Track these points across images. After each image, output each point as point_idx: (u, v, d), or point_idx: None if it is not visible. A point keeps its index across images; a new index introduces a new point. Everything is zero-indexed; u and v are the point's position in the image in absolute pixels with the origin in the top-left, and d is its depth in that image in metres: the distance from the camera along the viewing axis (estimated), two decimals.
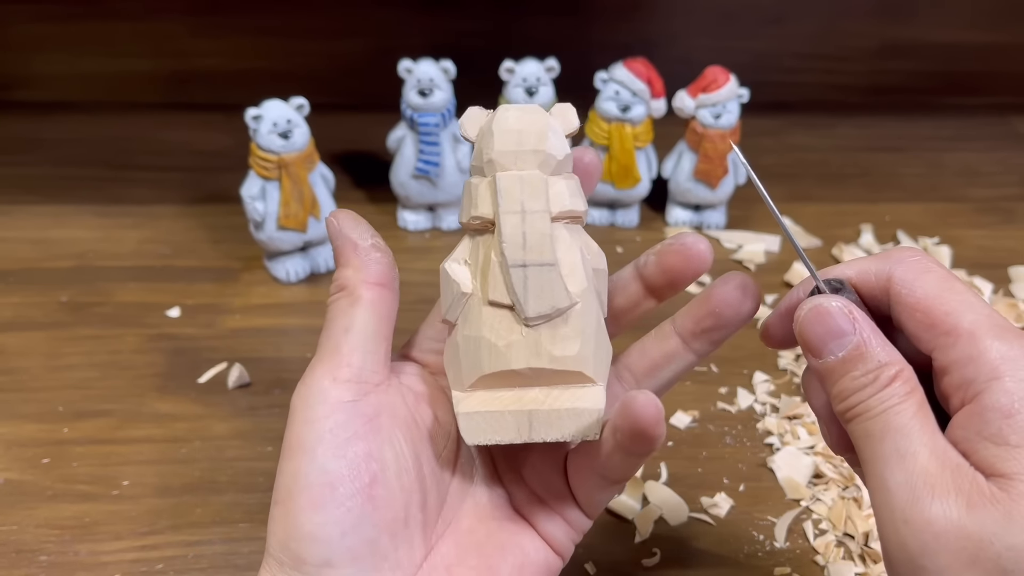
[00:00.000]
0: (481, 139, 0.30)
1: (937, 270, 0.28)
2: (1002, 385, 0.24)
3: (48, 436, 0.49)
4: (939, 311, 0.26)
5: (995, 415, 0.24)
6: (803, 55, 0.85)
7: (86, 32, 0.80)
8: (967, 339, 0.26)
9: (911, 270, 0.28)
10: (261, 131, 0.56)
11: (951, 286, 0.27)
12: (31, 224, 0.66)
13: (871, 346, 0.27)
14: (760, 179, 0.31)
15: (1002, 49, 0.85)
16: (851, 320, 0.27)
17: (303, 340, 0.56)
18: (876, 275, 0.28)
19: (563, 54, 0.64)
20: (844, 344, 0.27)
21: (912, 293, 0.27)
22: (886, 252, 0.29)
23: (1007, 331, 0.26)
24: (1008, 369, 0.25)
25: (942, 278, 0.27)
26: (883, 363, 0.26)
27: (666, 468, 0.48)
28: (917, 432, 0.25)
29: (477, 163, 0.30)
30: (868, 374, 0.26)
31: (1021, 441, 0.24)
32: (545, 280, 0.28)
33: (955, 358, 0.26)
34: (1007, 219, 0.70)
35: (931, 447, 0.25)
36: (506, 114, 0.30)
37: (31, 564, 0.42)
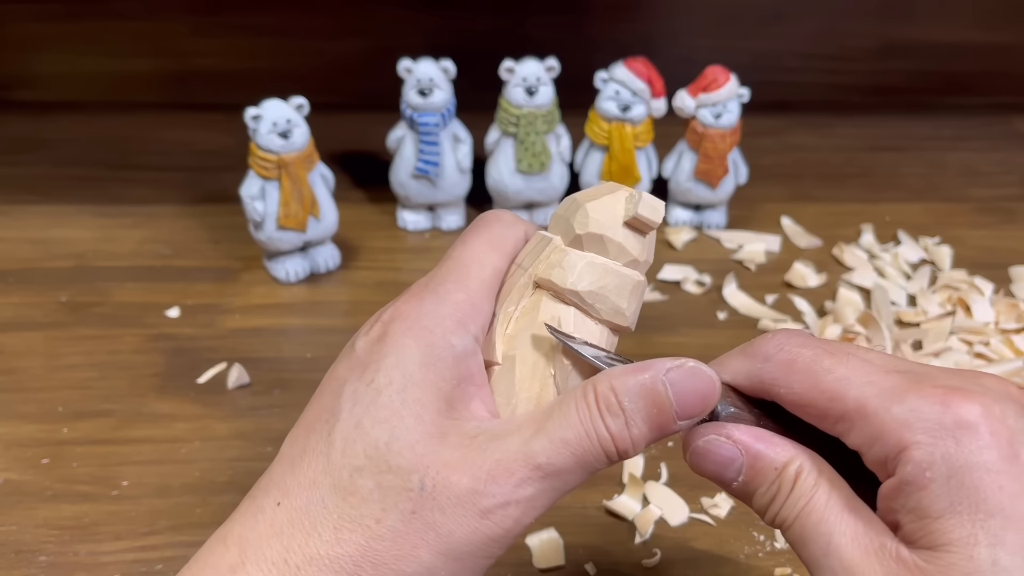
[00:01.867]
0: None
1: (804, 353, 0.26)
2: (910, 456, 0.23)
3: (48, 436, 0.49)
4: (822, 401, 0.25)
5: (911, 489, 0.23)
6: (803, 55, 0.85)
7: (86, 32, 0.80)
8: (860, 419, 0.25)
9: (778, 367, 0.26)
10: (261, 131, 0.56)
11: (823, 367, 0.26)
12: (31, 224, 0.66)
13: (762, 458, 0.26)
14: (760, 179, 0.30)
15: (1002, 49, 0.85)
16: (732, 443, 0.26)
17: (303, 340, 0.56)
18: (749, 380, 0.27)
19: (563, 54, 0.64)
20: (737, 469, 0.26)
21: (790, 392, 0.26)
22: (753, 347, 0.27)
23: (894, 391, 0.24)
24: (909, 436, 0.24)
25: (811, 360, 0.26)
26: (780, 467, 0.26)
27: (666, 468, 0.48)
28: (834, 523, 0.25)
29: None
30: (772, 485, 0.26)
31: (940, 511, 0.23)
32: (492, 331, 0.29)
33: (859, 441, 0.25)
34: (1007, 219, 0.70)
35: (851, 535, 0.24)
36: (600, 185, 0.29)
37: (31, 564, 0.42)
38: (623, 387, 0.26)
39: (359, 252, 0.65)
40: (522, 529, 0.26)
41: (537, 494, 0.25)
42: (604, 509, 0.46)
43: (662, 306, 0.60)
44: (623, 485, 0.47)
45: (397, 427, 0.25)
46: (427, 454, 0.25)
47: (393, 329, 0.27)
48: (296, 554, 0.25)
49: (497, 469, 0.25)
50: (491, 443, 0.26)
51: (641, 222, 0.28)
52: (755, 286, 0.62)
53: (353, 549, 0.25)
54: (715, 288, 0.62)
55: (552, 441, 0.25)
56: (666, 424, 0.26)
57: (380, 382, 0.26)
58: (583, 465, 0.26)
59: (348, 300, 0.60)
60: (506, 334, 0.28)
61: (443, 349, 0.27)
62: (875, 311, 0.59)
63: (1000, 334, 0.57)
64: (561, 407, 0.26)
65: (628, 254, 0.28)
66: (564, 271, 0.28)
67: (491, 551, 0.25)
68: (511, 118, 0.63)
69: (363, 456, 0.25)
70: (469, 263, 0.29)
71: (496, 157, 0.65)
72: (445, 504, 0.25)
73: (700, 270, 0.63)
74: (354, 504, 0.25)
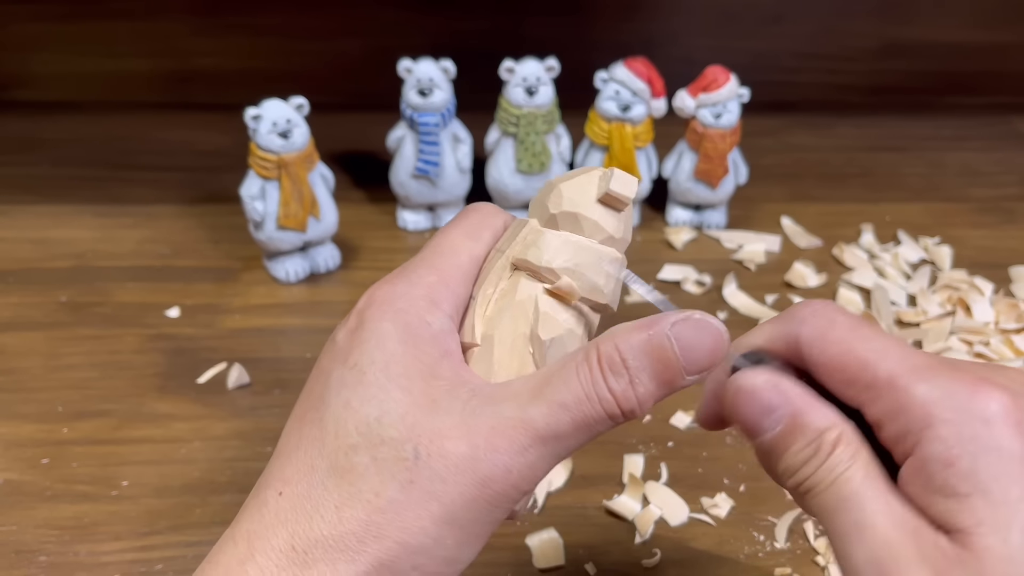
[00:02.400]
0: None
1: (842, 321, 0.26)
2: (935, 433, 0.23)
3: (47, 436, 0.49)
4: (853, 366, 0.25)
5: (937, 466, 0.23)
6: (803, 55, 0.85)
7: (86, 32, 0.80)
8: (889, 390, 0.25)
9: (816, 328, 0.26)
10: (261, 131, 0.56)
11: (860, 335, 0.26)
12: (31, 224, 0.66)
13: (806, 415, 0.25)
14: (760, 179, 0.30)
15: (1002, 49, 0.85)
16: (779, 392, 0.26)
17: (303, 340, 0.56)
18: (784, 341, 0.27)
19: (563, 54, 0.64)
20: (777, 419, 0.26)
21: (823, 353, 0.26)
22: (789, 312, 0.28)
23: (927, 369, 0.25)
24: (937, 412, 0.24)
25: (849, 328, 0.26)
26: (821, 429, 0.25)
27: (666, 468, 0.48)
28: (871, 499, 0.24)
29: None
30: (809, 446, 0.25)
31: (969, 488, 0.23)
32: (469, 312, 0.29)
33: (883, 411, 0.25)
34: (1007, 219, 0.70)
35: (887, 513, 0.24)
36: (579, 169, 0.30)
37: (31, 564, 0.42)
38: (627, 345, 0.25)
39: (359, 252, 0.65)
40: (522, 495, 0.26)
41: (537, 460, 0.25)
42: (604, 509, 0.46)
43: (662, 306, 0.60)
44: (623, 485, 0.47)
45: (385, 401, 0.26)
46: (418, 423, 0.25)
47: (369, 315, 0.27)
48: (301, 539, 0.25)
49: (494, 435, 0.25)
50: (485, 407, 0.25)
51: (614, 198, 0.28)
52: (755, 286, 0.62)
53: (356, 526, 0.25)
54: (715, 288, 0.62)
55: (550, 405, 0.25)
56: (674, 379, 0.26)
57: (363, 363, 0.26)
58: (584, 428, 0.25)
59: (348, 300, 0.60)
60: (484, 315, 0.28)
61: (419, 327, 0.27)
62: (875, 311, 0.59)
63: (1000, 334, 0.57)
64: (561, 371, 0.26)
65: (603, 231, 0.28)
66: (540, 250, 0.28)
67: (494, 516, 0.25)
68: (511, 118, 0.63)
69: (356, 434, 0.25)
70: (444, 249, 0.29)
71: (496, 157, 0.65)
72: (443, 472, 0.25)
73: (700, 270, 0.63)
74: (352, 481, 0.25)
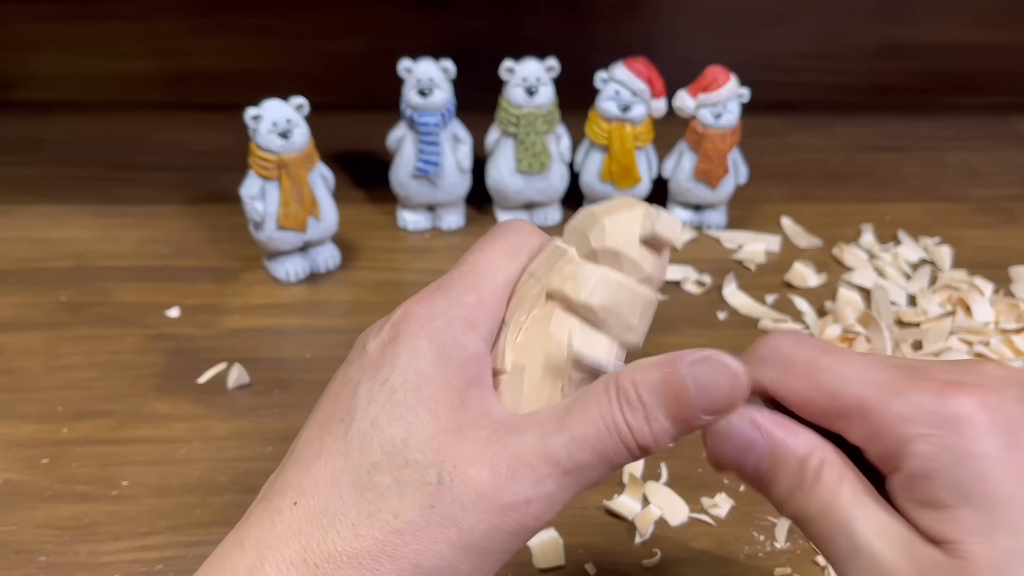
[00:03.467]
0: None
1: (801, 353, 0.26)
2: (912, 449, 0.24)
3: (47, 436, 0.49)
4: (822, 399, 0.25)
5: (918, 482, 0.24)
6: (803, 55, 0.85)
7: (86, 32, 0.80)
8: (860, 416, 0.25)
9: (776, 369, 0.26)
10: (261, 131, 0.56)
11: (819, 366, 0.26)
12: (31, 224, 0.66)
13: (784, 447, 0.26)
14: (760, 179, 0.30)
15: (1002, 49, 0.85)
16: (755, 427, 0.26)
17: (303, 340, 0.56)
18: (751, 385, 0.27)
19: (563, 54, 0.64)
20: (758, 455, 0.26)
21: (790, 393, 0.26)
22: (749, 353, 0.27)
23: (892, 384, 0.24)
24: (909, 429, 0.24)
25: (809, 360, 0.26)
26: (803, 458, 0.25)
27: (666, 468, 0.48)
28: (862, 521, 0.24)
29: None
30: (793, 476, 0.25)
31: (952, 499, 0.23)
32: (501, 338, 0.29)
33: (860, 437, 0.25)
34: (1007, 219, 0.70)
35: (880, 532, 0.24)
36: (617, 200, 0.29)
37: (30, 564, 0.42)
38: (644, 381, 0.25)
39: (359, 252, 0.65)
40: (543, 525, 0.26)
41: (558, 490, 0.25)
42: (604, 509, 0.46)
43: (662, 306, 0.60)
44: (623, 485, 0.47)
45: (413, 423, 0.25)
46: (443, 448, 0.25)
47: (404, 330, 0.27)
48: (314, 552, 0.25)
49: (517, 464, 0.25)
50: (509, 437, 0.25)
51: (658, 240, 0.28)
52: (755, 286, 0.62)
53: (371, 544, 0.24)
54: (715, 288, 0.62)
55: (573, 437, 0.25)
56: (689, 419, 0.25)
57: (394, 381, 0.26)
58: (604, 460, 0.25)
59: (348, 300, 0.60)
60: (516, 343, 0.28)
61: (455, 349, 0.27)
62: (875, 311, 0.59)
63: (1000, 334, 0.57)
64: (582, 401, 0.26)
65: (642, 271, 0.28)
66: (578, 284, 0.28)
67: (511, 546, 0.25)
68: (511, 118, 0.63)
69: (380, 453, 0.25)
70: (483, 269, 0.29)
71: (496, 157, 0.65)
72: (464, 499, 0.25)
73: (700, 270, 0.63)
74: (372, 500, 0.25)
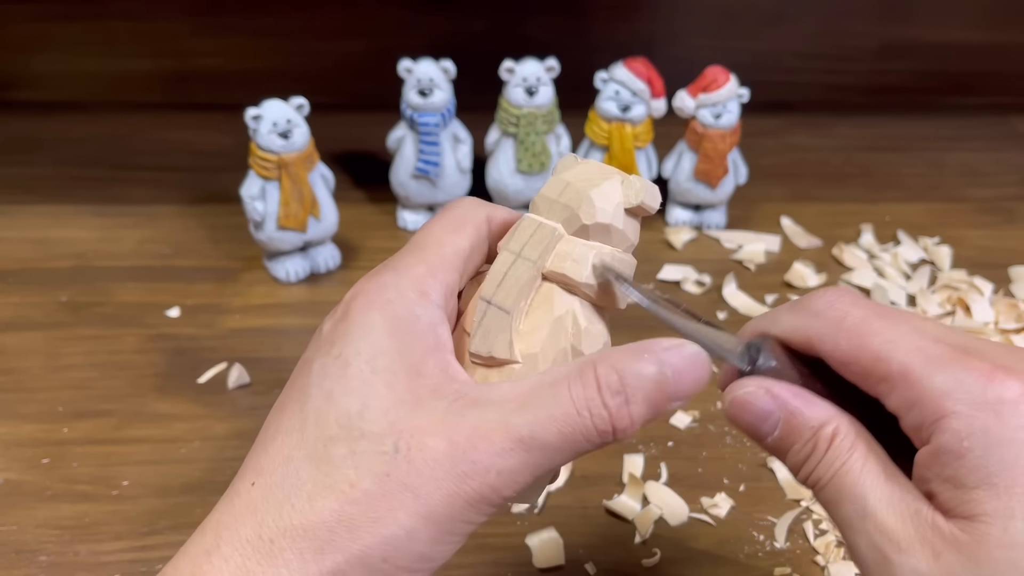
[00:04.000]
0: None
1: (854, 312, 0.26)
2: (948, 424, 0.24)
3: (48, 436, 0.49)
4: (867, 360, 0.26)
5: (948, 458, 0.24)
6: (803, 55, 0.84)
7: (86, 32, 0.80)
8: (902, 383, 0.25)
9: (827, 324, 0.27)
10: (261, 131, 0.56)
11: (872, 327, 0.26)
12: (31, 224, 0.66)
13: (800, 415, 0.26)
14: (760, 179, 0.30)
15: (1002, 49, 0.85)
16: (771, 397, 0.26)
17: (303, 340, 0.56)
18: (797, 334, 0.27)
19: (563, 54, 0.64)
20: (774, 424, 0.26)
21: (836, 349, 0.26)
22: (803, 303, 0.28)
23: (941, 359, 0.25)
24: (950, 405, 0.24)
25: (861, 320, 0.26)
26: (816, 427, 0.26)
27: (666, 468, 0.48)
28: (870, 487, 0.25)
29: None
30: (806, 444, 0.26)
31: (977, 482, 0.23)
32: (495, 324, 0.28)
33: (898, 404, 0.25)
34: (1007, 219, 0.70)
35: (887, 500, 0.25)
36: (571, 164, 0.29)
37: (31, 564, 0.42)
38: (628, 369, 0.26)
39: (359, 252, 0.65)
40: (501, 500, 0.25)
41: (518, 466, 0.25)
42: (604, 509, 0.46)
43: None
44: (623, 485, 0.47)
45: (368, 395, 0.25)
46: (400, 419, 0.25)
47: (355, 305, 0.27)
48: (269, 528, 0.25)
49: (476, 436, 0.25)
50: (469, 409, 0.25)
51: (643, 209, 0.28)
52: (755, 286, 0.62)
53: (327, 515, 0.24)
54: (715, 288, 0.62)
55: (537, 416, 0.25)
56: (663, 403, 0.26)
57: (347, 354, 0.26)
58: (570, 442, 0.25)
59: None
60: (520, 331, 0.28)
61: (408, 320, 0.27)
62: None
63: (1000, 334, 0.57)
64: (550, 385, 0.26)
65: (628, 240, 0.29)
66: (578, 264, 0.28)
67: (471, 516, 0.25)
68: (511, 118, 0.63)
69: (336, 426, 0.25)
70: (428, 242, 0.29)
71: (496, 157, 0.65)
72: (421, 466, 0.25)
73: (700, 270, 0.63)
74: (327, 472, 0.25)
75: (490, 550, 0.43)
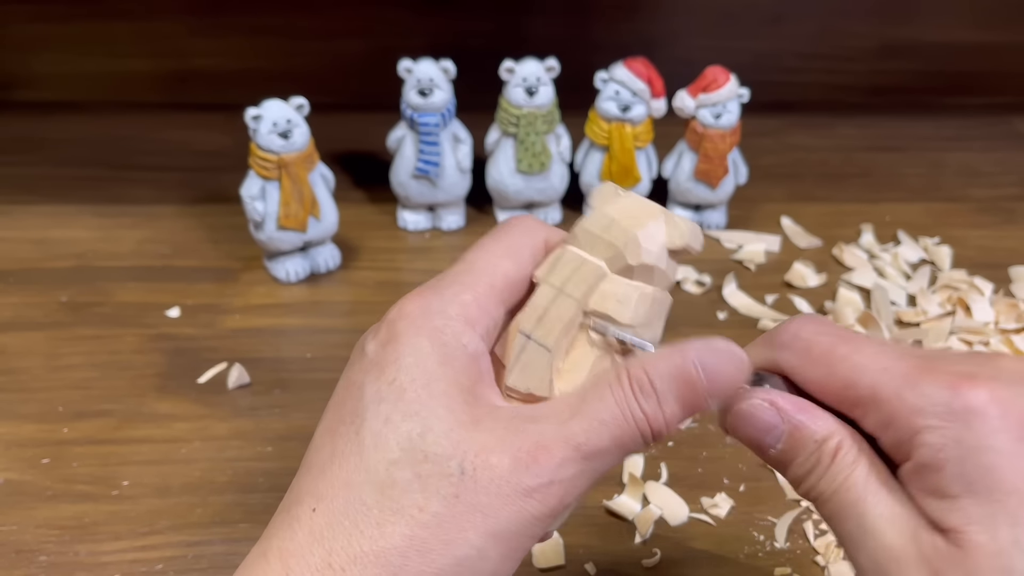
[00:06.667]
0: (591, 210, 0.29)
1: (819, 341, 0.27)
2: (923, 439, 0.24)
3: (48, 436, 0.49)
4: (837, 387, 0.26)
5: (928, 471, 0.24)
6: (803, 55, 0.85)
7: (86, 32, 0.80)
8: (874, 405, 0.25)
9: (795, 355, 0.27)
10: (261, 131, 0.56)
11: (838, 354, 0.26)
12: (31, 224, 0.66)
13: (803, 429, 0.26)
14: (760, 179, 0.30)
15: (1002, 49, 0.85)
16: (775, 410, 0.27)
17: (303, 340, 0.56)
18: (768, 368, 0.28)
19: (563, 54, 0.64)
20: (777, 436, 0.27)
21: (807, 379, 0.27)
22: (770, 336, 0.28)
23: (908, 375, 0.25)
24: (921, 420, 0.24)
25: (827, 349, 0.26)
26: (820, 440, 0.26)
27: (666, 468, 0.48)
28: (871, 504, 0.25)
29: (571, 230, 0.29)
30: (810, 457, 0.26)
31: (959, 490, 0.24)
32: (536, 360, 0.27)
33: (874, 426, 0.25)
34: (1007, 219, 0.70)
35: (888, 516, 0.25)
36: (611, 195, 0.29)
37: (31, 564, 0.42)
38: (656, 370, 0.26)
39: (359, 252, 0.65)
40: (564, 509, 0.26)
41: (578, 474, 0.25)
42: (604, 509, 0.46)
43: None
44: (623, 485, 0.47)
45: (428, 418, 0.25)
46: (463, 440, 0.25)
47: (402, 328, 0.27)
48: (339, 556, 0.24)
49: (537, 450, 0.25)
50: (527, 425, 0.26)
51: (688, 251, 0.28)
52: (755, 286, 0.62)
53: (398, 540, 0.24)
54: (715, 288, 0.62)
55: (591, 422, 0.25)
56: (698, 402, 0.26)
57: (402, 380, 0.26)
58: (620, 445, 0.26)
59: (348, 300, 0.60)
60: (561, 369, 0.28)
61: (456, 348, 0.27)
62: (875, 311, 0.59)
63: (1000, 334, 0.57)
64: (596, 390, 0.26)
65: (668, 280, 0.28)
66: (621, 305, 0.27)
67: (536, 531, 0.25)
68: (511, 118, 0.63)
69: (397, 449, 0.25)
70: (480, 267, 0.28)
71: (496, 157, 0.65)
72: (488, 485, 0.25)
73: (700, 270, 0.63)
74: (394, 496, 0.25)
75: None
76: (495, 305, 0.28)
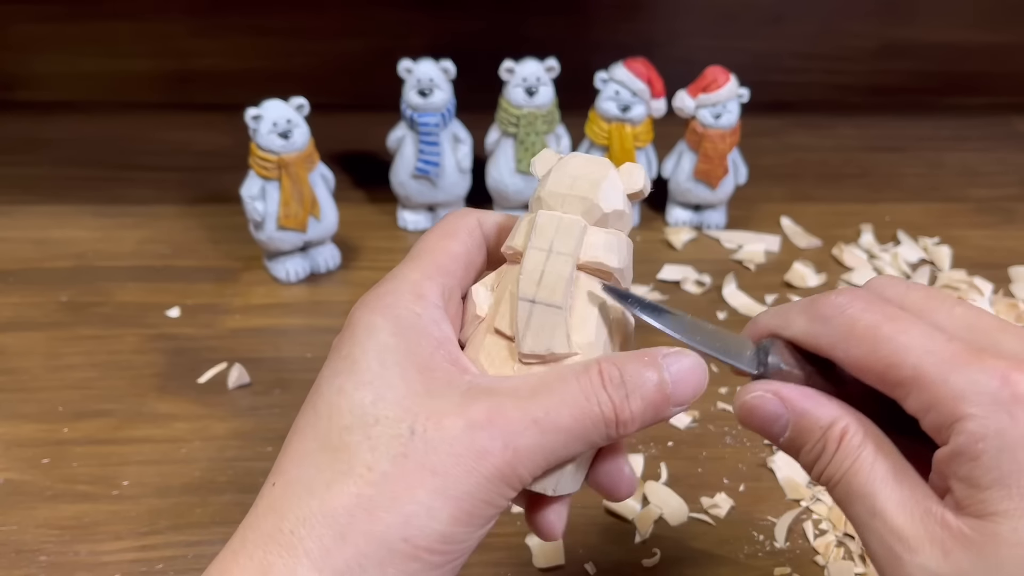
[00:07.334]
0: (541, 178, 0.30)
1: (864, 318, 0.26)
2: (964, 427, 0.24)
3: (48, 436, 0.49)
4: (880, 367, 0.26)
5: (964, 459, 0.24)
6: (803, 55, 0.85)
7: (86, 32, 0.80)
8: (917, 387, 0.25)
9: (838, 331, 0.27)
10: (261, 131, 0.56)
11: (883, 333, 0.26)
12: (31, 224, 0.66)
13: (808, 417, 0.27)
14: (760, 179, 0.31)
15: (1002, 49, 0.85)
16: (780, 400, 0.27)
17: (303, 340, 0.56)
18: (807, 340, 0.28)
19: (563, 54, 0.64)
20: (783, 426, 0.27)
21: (848, 356, 0.26)
22: (813, 305, 0.28)
23: (954, 360, 0.24)
24: (964, 407, 0.24)
25: (872, 326, 0.26)
26: (825, 427, 0.26)
27: (666, 468, 0.48)
28: (879, 485, 0.25)
29: (532, 199, 0.30)
30: (816, 444, 0.26)
31: (990, 482, 0.23)
32: (548, 321, 0.28)
33: (916, 407, 0.25)
34: (1007, 219, 0.70)
35: (896, 498, 0.25)
36: (570, 159, 0.30)
37: (31, 564, 0.42)
38: (627, 367, 0.27)
39: (359, 252, 0.65)
40: (519, 482, 0.26)
41: (534, 447, 0.25)
42: (604, 509, 0.46)
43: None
44: None
45: (380, 387, 0.26)
46: (415, 405, 0.25)
47: (357, 313, 0.28)
48: (289, 519, 0.25)
49: (493, 413, 0.25)
50: (483, 396, 0.26)
51: (642, 193, 0.30)
52: (755, 286, 0.62)
53: (346, 499, 0.25)
54: (715, 288, 0.62)
55: (551, 400, 0.26)
56: (661, 407, 0.27)
57: (355, 353, 0.27)
58: (581, 427, 0.26)
59: (348, 300, 0.60)
60: (571, 323, 0.28)
61: (409, 319, 0.27)
62: None
63: None
64: (558, 378, 0.26)
65: (630, 223, 0.30)
66: (611, 253, 0.29)
67: (490, 496, 0.25)
68: (511, 118, 0.63)
69: (349, 416, 0.26)
70: (421, 250, 0.30)
71: (496, 157, 0.65)
72: (439, 445, 0.25)
73: (700, 270, 0.63)
74: (344, 459, 0.25)
75: (490, 550, 0.43)
76: (443, 276, 0.29)
